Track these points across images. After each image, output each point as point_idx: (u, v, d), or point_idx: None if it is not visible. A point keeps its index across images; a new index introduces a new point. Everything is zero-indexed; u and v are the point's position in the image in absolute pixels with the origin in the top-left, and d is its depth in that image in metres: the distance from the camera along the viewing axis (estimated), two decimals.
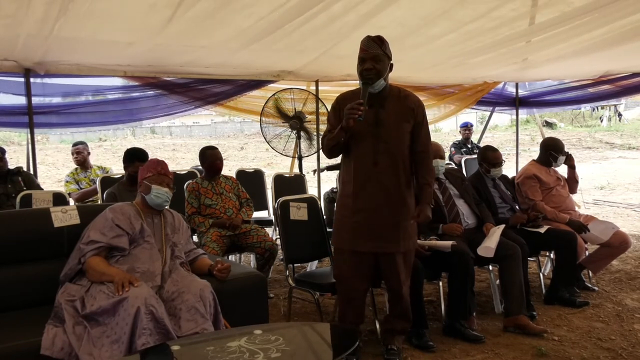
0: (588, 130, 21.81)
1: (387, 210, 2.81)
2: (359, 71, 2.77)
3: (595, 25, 4.27)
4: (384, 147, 2.79)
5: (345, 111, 2.68)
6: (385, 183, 2.80)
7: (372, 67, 2.72)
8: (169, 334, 2.33)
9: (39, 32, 3.67)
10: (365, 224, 2.82)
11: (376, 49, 2.73)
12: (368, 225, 2.81)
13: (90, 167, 5.31)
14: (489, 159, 4.06)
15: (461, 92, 7.32)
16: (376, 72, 2.73)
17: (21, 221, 2.89)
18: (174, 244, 2.84)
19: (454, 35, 4.52)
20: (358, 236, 2.83)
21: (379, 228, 2.81)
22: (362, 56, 2.75)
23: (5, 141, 17.22)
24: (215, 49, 4.55)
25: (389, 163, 2.79)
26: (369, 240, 2.82)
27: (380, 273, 2.97)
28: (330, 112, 2.98)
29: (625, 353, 3.06)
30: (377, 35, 2.77)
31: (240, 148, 20.81)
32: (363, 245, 2.83)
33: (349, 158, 2.87)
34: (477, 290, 3.79)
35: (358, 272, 2.89)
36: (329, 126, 2.90)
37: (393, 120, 2.80)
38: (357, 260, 2.86)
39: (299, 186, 5.38)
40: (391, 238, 2.83)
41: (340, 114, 2.79)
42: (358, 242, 2.83)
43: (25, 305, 2.71)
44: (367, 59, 2.73)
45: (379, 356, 3.06)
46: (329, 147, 2.85)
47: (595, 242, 4.12)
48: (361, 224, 2.82)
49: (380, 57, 2.74)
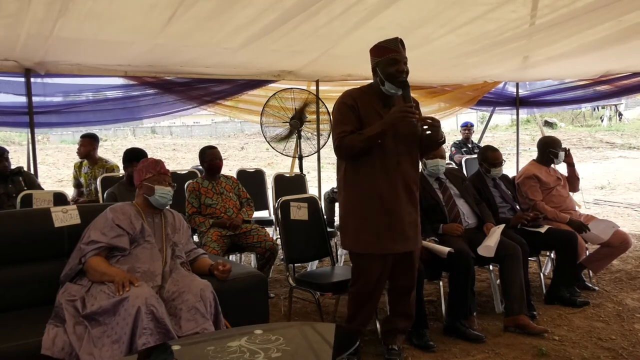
0: (588, 130, 21.81)
1: (409, 208, 2.82)
2: (389, 72, 2.69)
3: (595, 23, 4.27)
4: (403, 148, 2.78)
5: (397, 114, 2.62)
6: (407, 182, 2.80)
7: (405, 69, 2.72)
8: (169, 333, 2.33)
9: (40, 32, 3.68)
10: (394, 224, 2.77)
11: (404, 52, 2.74)
12: (396, 226, 2.78)
13: (96, 162, 5.11)
14: (490, 159, 4.06)
15: (461, 91, 7.32)
16: (407, 75, 2.74)
17: (22, 221, 2.88)
18: (174, 243, 2.84)
19: (453, 36, 4.52)
20: (384, 238, 2.77)
21: (406, 227, 2.80)
22: (395, 57, 2.69)
23: (6, 141, 17.22)
24: (216, 49, 4.55)
25: (409, 162, 2.81)
26: (395, 241, 2.78)
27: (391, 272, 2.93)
28: (344, 110, 2.77)
29: (625, 353, 3.06)
30: (401, 39, 2.75)
31: (241, 148, 20.82)
32: (388, 247, 2.78)
33: (371, 159, 2.75)
34: (477, 290, 3.79)
35: (382, 275, 2.85)
36: (348, 126, 2.72)
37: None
38: (382, 262, 2.82)
39: (299, 186, 5.38)
40: (414, 236, 2.85)
41: (359, 113, 2.74)
42: (385, 244, 2.77)
43: (25, 305, 2.71)
44: (400, 61, 2.70)
45: (380, 356, 3.05)
46: (358, 148, 2.70)
47: (596, 242, 4.12)
48: (388, 225, 2.77)
49: (406, 61, 2.75)
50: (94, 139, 5.15)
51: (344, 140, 2.71)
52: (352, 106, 2.75)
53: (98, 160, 5.13)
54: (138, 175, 2.88)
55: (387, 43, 2.73)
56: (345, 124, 2.74)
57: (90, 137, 5.15)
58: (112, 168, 5.10)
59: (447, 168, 3.86)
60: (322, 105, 5.95)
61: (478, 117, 20.62)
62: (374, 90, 2.83)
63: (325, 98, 6.03)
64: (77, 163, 5.24)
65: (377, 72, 2.75)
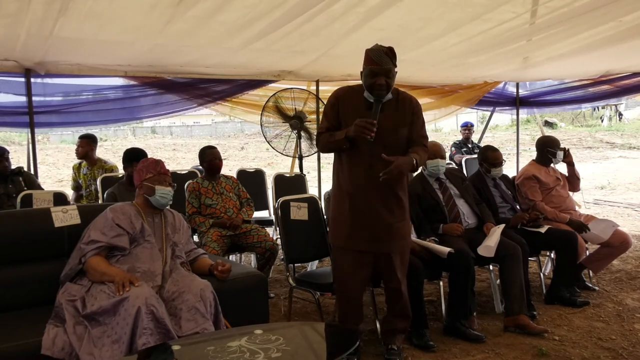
0: (589, 130, 21.81)
1: (382, 211, 2.79)
2: (369, 84, 2.68)
3: (595, 24, 4.27)
4: (379, 152, 2.69)
5: (356, 127, 2.60)
6: (380, 185, 2.72)
7: (384, 82, 2.66)
8: (169, 333, 2.33)
9: (39, 32, 3.68)
10: (362, 223, 2.80)
11: (388, 64, 2.66)
12: (365, 225, 2.80)
13: (95, 163, 5.08)
14: (490, 159, 4.06)
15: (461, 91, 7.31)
16: (387, 87, 2.69)
17: (22, 221, 2.88)
18: (174, 243, 2.84)
19: (453, 37, 4.52)
20: (355, 235, 2.81)
21: (374, 228, 2.80)
22: (374, 69, 2.65)
23: (6, 141, 17.22)
24: (216, 49, 4.56)
25: (384, 166, 2.67)
26: (366, 240, 2.81)
27: (379, 273, 2.96)
28: (327, 107, 2.87)
29: (625, 353, 3.06)
30: (389, 48, 2.68)
31: (241, 148, 20.82)
32: (361, 244, 2.82)
33: (345, 158, 2.82)
34: (477, 290, 3.79)
35: (356, 270, 2.88)
36: (325, 123, 2.83)
37: (391, 125, 2.75)
38: (355, 258, 2.85)
39: (299, 186, 5.39)
40: (387, 238, 2.83)
41: (339, 111, 2.78)
42: (356, 240, 2.82)
43: (25, 305, 2.71)
44: (380, 74, 2.65)
45: (380, 356, 3.06)
46: (327, 148, 2.85)
47: (596, 242, 4.12)
48: (358, 223, 2.81)
49: (391, 72, 2.68)
50: (92, 140, 5.12)
51: (319, 137, 2.87)
52: (334, 104, 2.84)
53: (97, 161, 5.11)
54: (138, 175, 2.88)
55: (372, 53, 2.69)
56: (325, 120, 2.86)
57: (89, 138, 5.12)
58: (111, 169, 5.09)
59: (447, 168, 3.86)
60: (322, 105, 5.96)
61: (478, 117, 20.62)
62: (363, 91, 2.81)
63: (325, 98, 6.02)
64: (76, 164, 5.22)
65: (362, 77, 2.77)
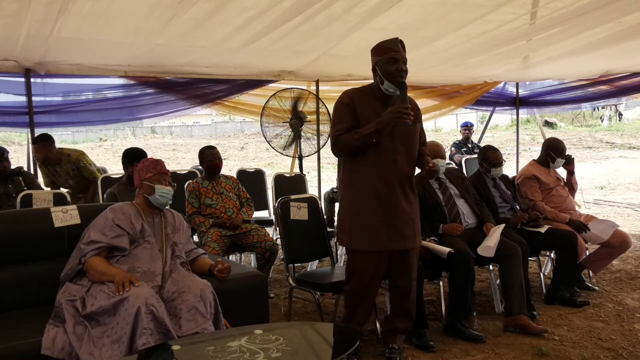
0: (588, 130, 21.81)
1: (405, 206, 2.82)
2: (390, 71, 2.71)
3: (595, 24, 4.27)
4: (401, 147, 2.79)
5: (393, 114, 2.62)
6: (404, 181, 2.82)
7: (405, 68, 2.73)
8: (169, 333, 2.33)
9: (39, 32, 3.68)
10: (389, 222, 2.79)
11: (404, 53, 2.76)
12: (391, 224, 2.79)
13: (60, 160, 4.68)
14: (490, 159, 4.06)
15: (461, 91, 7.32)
16: (406, 75, 2.76)
17: (22, 221, 2.88)
18: (174, 243, 2.84)
19: (453, 37, 4.52)
20: (379, 235, 2.79)
21: (401, 225, 2.81)
22: (394, 56, 2.71)
23: (6, 141, 17.23)
24: (216, 49, 4.56)
25: (406, 161, 2.81)
26: (391, 238, 2.79)
27: (388, 272, 2.94)
28: (341, 109, 2.81)
29: (625, 353, 3.06)
30: (401, 40, 2.77)
31: (241, 148, 20.83)
32: (384, 244, 2.80)
33: (372, 157, 2.78)
34: (477, 290, 3.79)
35: (377, 272, 2.87)
36: (344, 124, 2.75)
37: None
38: (377, 260, 2.83)
39: (299, 186, 5.38)
40: (411, 234, 2.85)
41: (356, 112, 2.77)
42: (379, 241, 2.79)
43: (25, 305, 2.71)
44: (399, 60, 2.72)
45: (380, 356, 3.06)
46: (353, 147, 2.73)
47: (596, 242, 4.12)
48: (384, 222, 2.79)
49: (406, 61, 2.77)
50: (46, 141, 4.62)
51: (339, 138, 2.76)
52: (348, 105, 2.79)
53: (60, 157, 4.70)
54: (138, 175, 2.88)
55: (388, 43, 2.75)
56: (342, 122, 2.78)
57: (42, 141, 4.62)
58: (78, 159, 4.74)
59: (447, 168, 3.86)
60: (322, 105, 5.95)
61: (478, 117, 20.63)
62: (373, 91, 2.85)
63: (325, 98, 6.03)
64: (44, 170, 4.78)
65: (377, 71, 2.78)
